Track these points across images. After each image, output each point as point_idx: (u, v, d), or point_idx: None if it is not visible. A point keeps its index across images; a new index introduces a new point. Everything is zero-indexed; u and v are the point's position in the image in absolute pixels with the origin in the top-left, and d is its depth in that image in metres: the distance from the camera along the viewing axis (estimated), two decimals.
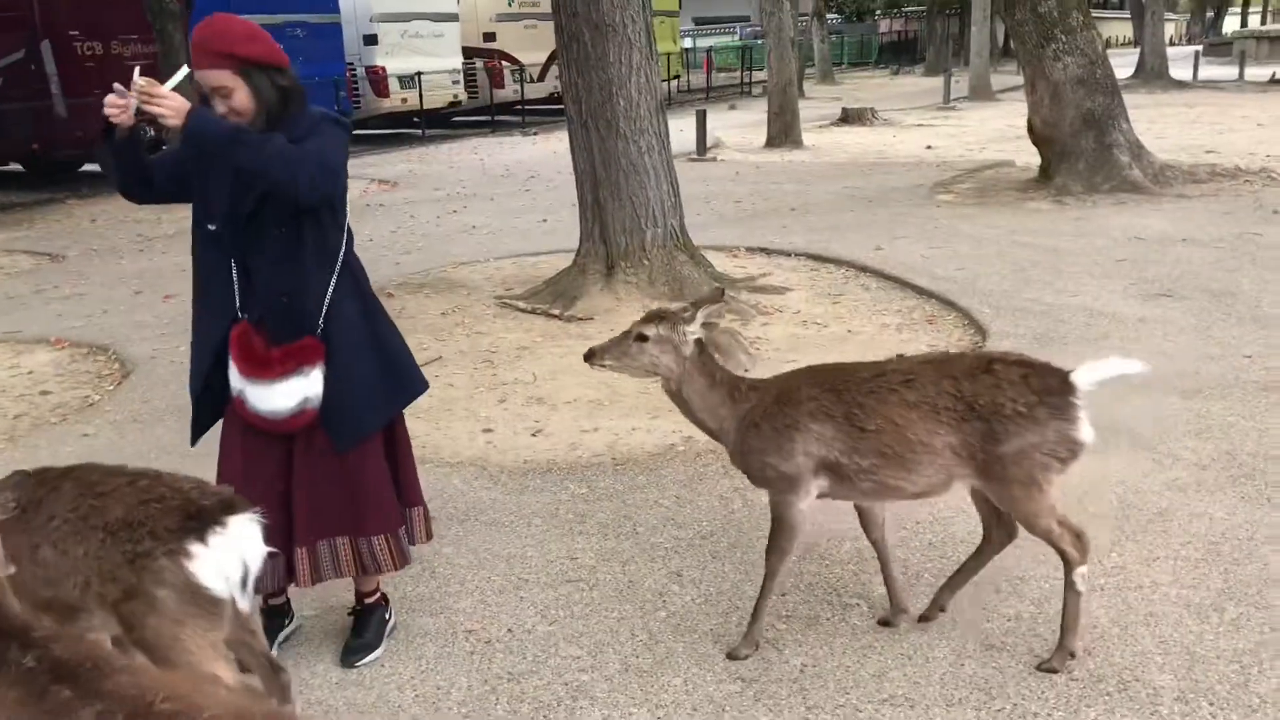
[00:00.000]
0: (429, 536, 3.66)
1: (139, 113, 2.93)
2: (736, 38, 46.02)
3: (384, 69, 21.39)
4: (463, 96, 23.51)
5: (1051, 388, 3.11)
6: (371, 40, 21.37)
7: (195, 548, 2.52)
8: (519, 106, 24.69)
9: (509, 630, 3.66)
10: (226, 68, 3.05)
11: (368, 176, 16.06)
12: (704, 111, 17.66)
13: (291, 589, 3.54)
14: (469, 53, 23.79)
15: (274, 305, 3.20)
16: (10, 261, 11.14)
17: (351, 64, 21.09)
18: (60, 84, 15.98)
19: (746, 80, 33.60)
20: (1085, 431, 3.10)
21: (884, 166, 14.72)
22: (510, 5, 25.04)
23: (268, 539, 3.15)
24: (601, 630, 3.61)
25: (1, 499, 2.65)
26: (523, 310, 7.84)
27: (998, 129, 19.18)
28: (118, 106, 2.91)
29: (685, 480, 4.77)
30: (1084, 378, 3.11)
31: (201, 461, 3.40)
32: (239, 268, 3.21)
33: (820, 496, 3.34)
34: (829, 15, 40.30)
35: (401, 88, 21.63)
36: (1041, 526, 3.17)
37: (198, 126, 2.90)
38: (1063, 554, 3.19)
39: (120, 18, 16.43)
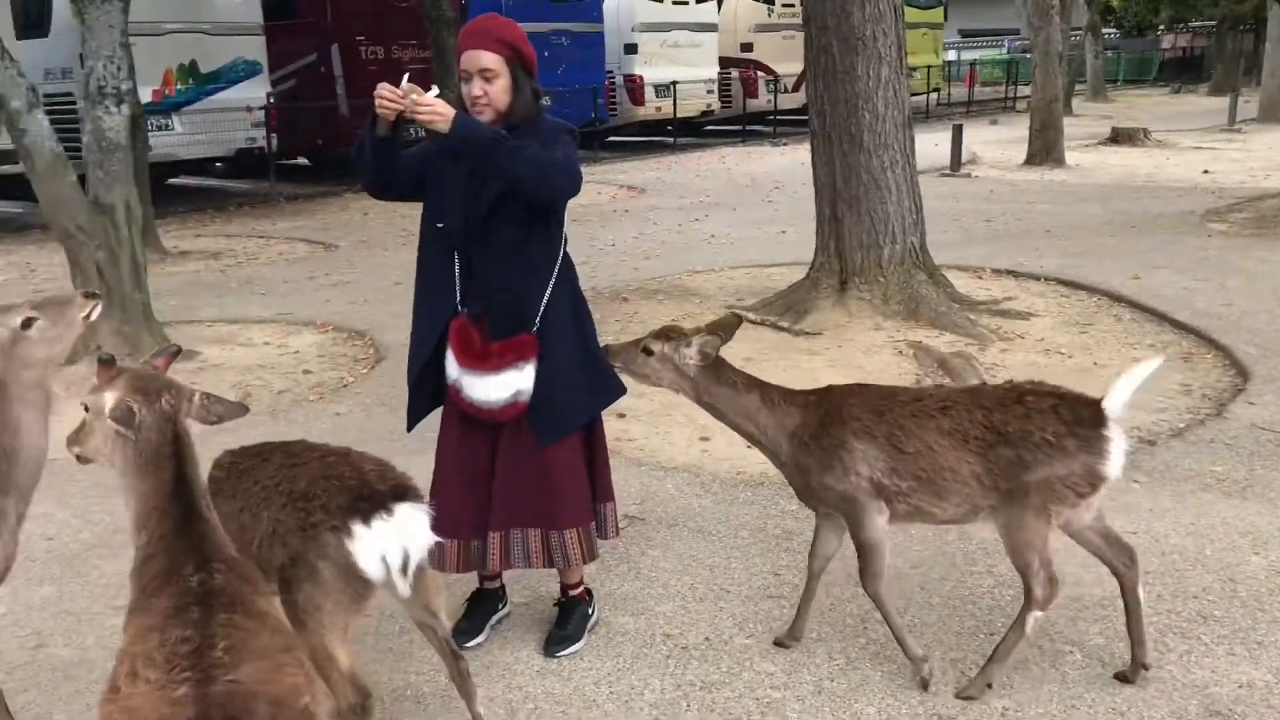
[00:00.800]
0: (617, 532, 3.75)
1: (403, 117, 3.12)
2: (1003, 51, 44.41)
3: (642, 78, 21.88)
4: (716, 106, 23.76)
5: (1083, 418, 3.06)
6: (632, 49, 21.90)
7: (358, 528, 2.64)
8: (771, 116, 24.74)
9: (706, 639, 3.68)
10: (500, 54, 3.21)
11: (617, 183, 16.49)
12: (960, 126, 17.16)
13: (506, 575, 3.71)
14: (725, 62, 24.02)
15: (498, 301, 3.35)
16: (290, 249, 12.12)
17: (611, 72, 21.68)
18: (345, 85, 17.24)
19: (1011, 95, 32.36)
20: (1112, 466, 3.07)
21: (1152, 190, 13.86)
22: (769, 16, 25.10)
23: (465, 525, 3.35)
24: (798, 650, 3.58)
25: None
26: (752, 321, 7.84)
27: None
28: (390, 100, 3.07)
29: None
30: (1115, 403, 3.06)
31: (431, 445, 3.60)
32: (462, 264, 3.37)
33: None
34: (1106, 30, 38.26)
35: (657, 96, 22.06)
36: (1025, 558, 3.13)
37: (463, 129, 3.06)
38: (1029, 592, 3.15)
39: (400, 24, 17.59)
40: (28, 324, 2.84)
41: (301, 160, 19.27)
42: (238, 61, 15.87)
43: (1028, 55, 36.13)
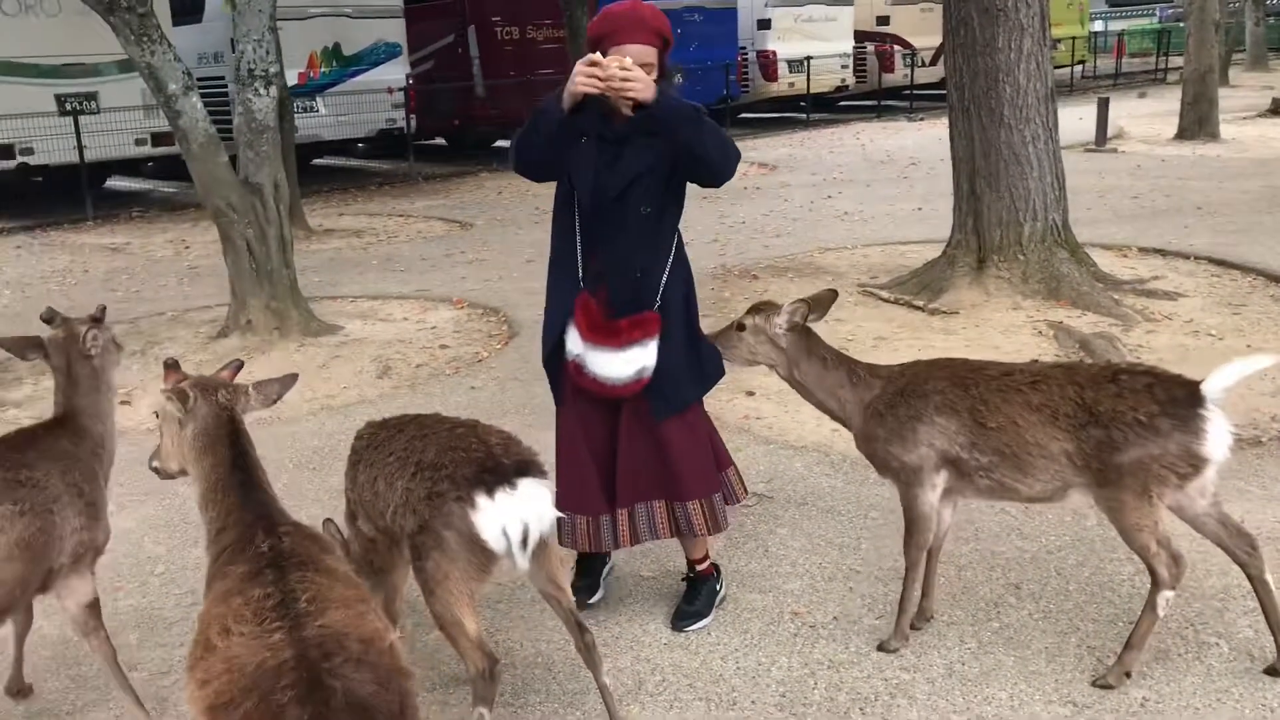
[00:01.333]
0: (745, 491, 3.78)
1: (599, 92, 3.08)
2: (1155, 20, 42.47)
3: (775, 53, 21.65)
4: (850, 81, 23.36)
5: (1178, 398, 2.99)
6: (765, 25, 21.68)
7: (482, 499, 2.71)
8: (906, 91, 24.21)
9: (834, 618, 3.67)
10: (656, 45, 3.26)
11: (749, 160, 16.30)
12: (1106, 99, 16.50)
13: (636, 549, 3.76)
14: (860, 36, 23.57)
15: (627, 279, 3.37)
16: (427, 227, 12.42)
17: (744, 48, 21.51)
18: (481, 66, 17.54)
19: (1162, 66, 30.95)
20: (1211, 447, 2.98)
21: None
22: None
23: (594, 500, 3.42)
24: (929, 632, 3.54)
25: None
26: (885, 300, 7.73)
27: None
28: (593, 76, 3.05)
29: None
30: (1214, 385, 2.97)
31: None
32: (586, 240, 3.38)
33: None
34: None
35: (790, 72, 21.81)
36: (1140, 541, 3.06)
37: (667, 101, 3.12)
38: (1154, 573, 3.09)
39: (534, 4, 17.78)
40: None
41: (439, 140, 19.69)
42: (379, 44, 16.30)
43: (1180, 24, 34.50)
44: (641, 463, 3.48)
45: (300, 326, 7.44)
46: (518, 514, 2.74)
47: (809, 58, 21.56)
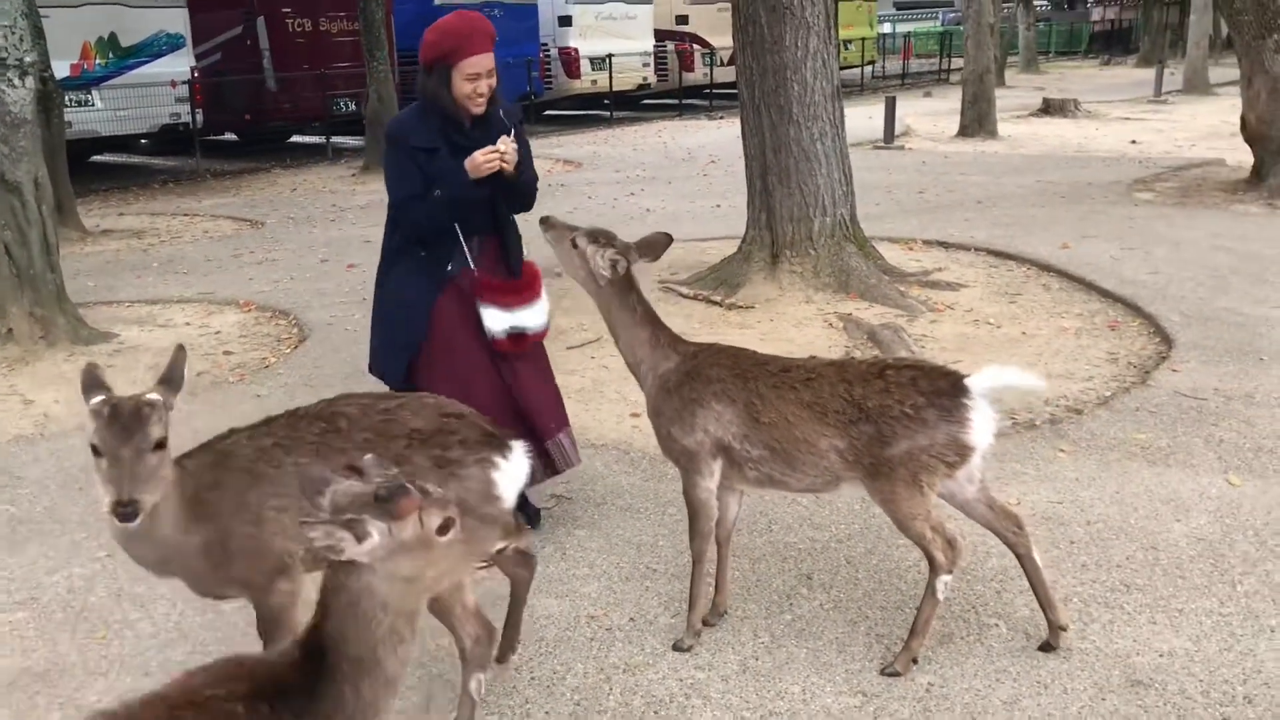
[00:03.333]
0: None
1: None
2: (938, 23, 44.66)
3: (577, 50, 21.67)
4: (652, 79, 23.60)
5: (942, 389, 3.08)
6: (566, 22, 21.66)
7: (499, 459, 2.87)
8: (707, 90, 24.63)
9: (631, 619, 3.62)
10: (492, 50, 3.74)
11: (554, 156, 16.27)
12: (894, 98, 17.20)
13: None
14: (660, 35, 23.85)
15: (512, 247, 4.09)
16: (215, 226, 11.83)
17: (545, 45, 21.44)
18: (272, 58, 16.86)
19: (945, 68, 32.56)
20: (976, 435, 3.07)
21: (1082, 161, 14.00)
22: None
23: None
24: (724, 628, 3.54)
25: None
26: (684, 295, 7.79)
27: (1210, 125, 17.98)
28: (492, 159, 3.68)
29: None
30: (979, 382, 3.08)
31: None
32: (467, 231, 3.94)
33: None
34: (1037, 2, 38.60)
35: (593, 69, 21.86)
36: (915, 530, 3.14)
37: (522, 170, 3.86)
38: (931, 559, 3.16)
39: None
40: None
41: (229, 136, 18.84)
42: (159, 34, 15.46)
43: (961, 28, 36.33)
44: (539, 400, 4.05)
45: (69, 334, 6.92)
46: (516, 475, 2.92)
47: (610, 55, 21.67)
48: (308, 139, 19.39)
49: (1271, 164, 10.46)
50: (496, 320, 3.87)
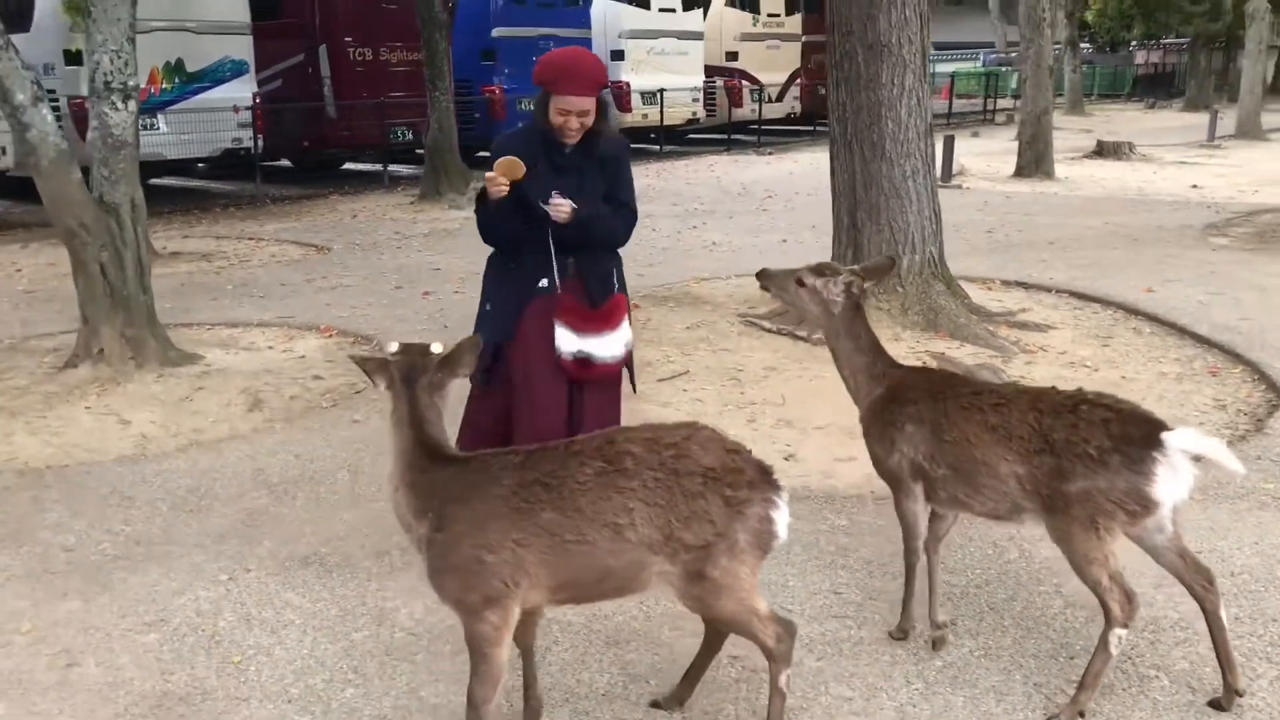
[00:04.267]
0: None
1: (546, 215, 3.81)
2: (980, 64, 44.69)
3: (628, 84, 21.73)
4: (701, 114, 23.67)
5: (1132, 437, 3.01)
6: (619, 56, 21.76)
7: (779, 498, 2.86)
8: (754, 126, 24.68)
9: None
10: (594, 95, 3.81)
11: None
12: (952, 136, 17.16)
13: None
14: (710, 71, 23.93)
15: (599, 274, 4.06)
16: (281, 251, 11.88)
17: None
18: (332, 86, 17.01)
19: (990, 108, 32.52)
20: (1162, 490, 2.98)
21: (1147, 204, 13.89)
22: (755, 25, 25.06)
23: None
24: (874, 673, 3.45)
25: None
26: (767, 330, 7.74)
27: (1270, 171, 17.87)
28: (496, 187, 3.76)
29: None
30: (1177, 440, 2.98)
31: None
32: (559, 250, 3.92)
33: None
34: (1081, 45, 38.55)
35: (644, 104, 21.94)
36: (1091, 575, 3.08)
37: (584, 219, 3.84)
38: (1106, 610, 3.08)
39: (388, 25, 17.40)
40: None
41: (284, 162, 19.00)
42: (224, 60, 15.61)
43: (1004, 69, 36.29)
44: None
45: (158, 356, 6.93)
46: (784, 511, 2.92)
47: (662, 90, 21.75)
48: (360, 166, 19.53)
49: None
50: (566, 341, 3.91)
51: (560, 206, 3.79)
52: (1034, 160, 17.00)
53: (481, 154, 17.47)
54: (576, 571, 2.80)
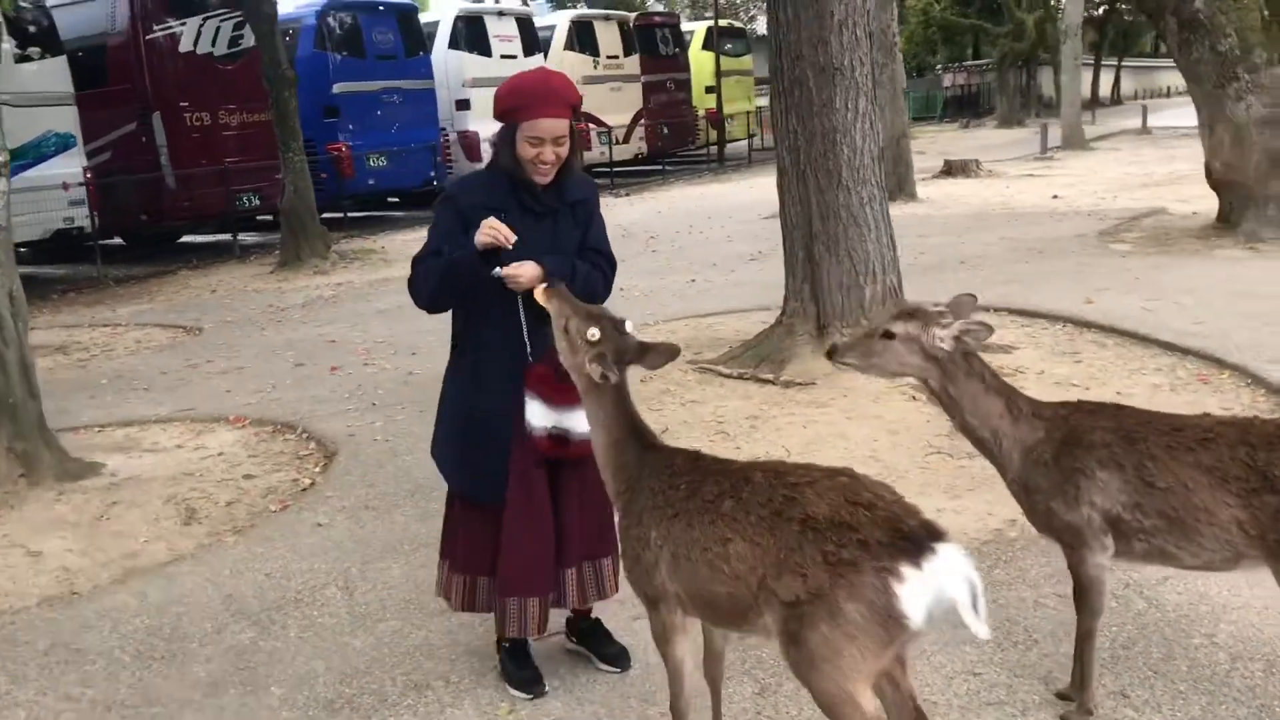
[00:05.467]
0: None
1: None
2: None
3: (476, 133, 21.13)
4: None
5: None
6: (464, 105, 21.18)
7: (908, 570, 2.33)
8: (605, 169, 24.39)
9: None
10: (567, 117, 3.32)
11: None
12: None
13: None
14: None
15: None
16: (145, 336, 10.79)
17: (445, 129, 20.91)
18: (170, 155, 15.81)
19: None
20: None
21: (1025, 218, 14.05)
22: (595, 68, 24.83)
23: (545, 578, 3.47)
24: None
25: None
26: (726, 375, 7.27)
27: (1114, 177, 18.57)
28: (489, 237, 3.19)
29: (1054, 574, 4.10)
30: None
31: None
32: (531, 317, 3.35)
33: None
34: None
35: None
36: None
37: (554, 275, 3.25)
38: None
39: (226, 87, 16.34)
40: None
41: (116, 240, 17.56)
42: (47, 135, 14.36)
43: None
44: (589, 518, 3.52)
45: (54, 470, 5.97)
46: (945, 586, 2.34)
47: None
48: (201, 238, 18.26)
49: (1241, 209, 10.61)
50: (538, 415, 3.33)
51: (517, 277, 3.22)
52: (897, 183, 17.10)
53: (330, 214, 16.55)
54: (692, 586, 2.70)
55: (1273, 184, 10.43)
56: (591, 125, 24.27)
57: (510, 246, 3.20)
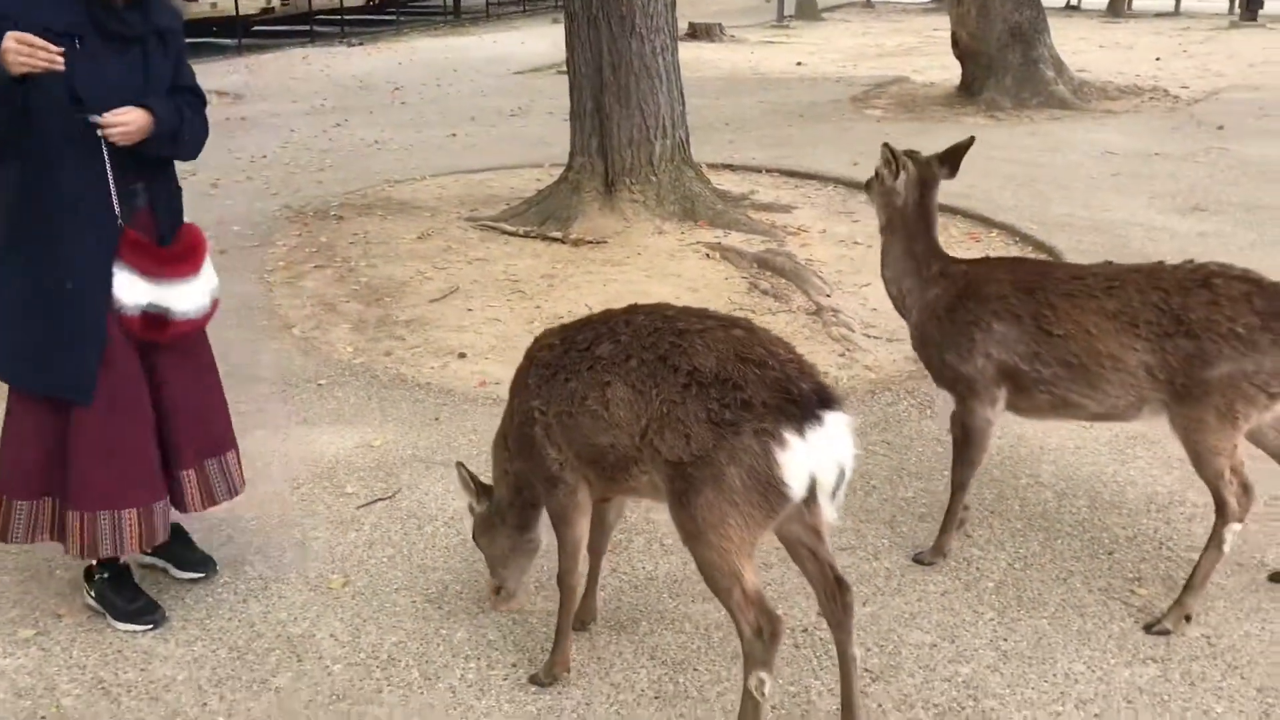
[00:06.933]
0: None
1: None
2: None
3: None
4: (276, 3, 21.48)
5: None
6: None
7: (791, 436, 2.20)
8: (337, 16, 22.83)
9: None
10: None
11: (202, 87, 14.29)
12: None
13: None
14: None
15: (168, 196, 3.03)
16: None
17: None
18: None
19: None
20: None
21: (778, 82, 14.23)
22: None
23: (150, 486, 2.93)
24: (936, 610, 3.03)
25: None
26: (511, 233, 6.97)
27: (850, 46, 19.12)
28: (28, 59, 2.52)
29: (878, 422, 4.17)
30: None
31: None
32: (118, 166, 2.81)
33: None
34: None
35: None
36: (1214, 467, 2.85)
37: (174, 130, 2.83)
38: (1223, 505, 2.86)
39: None
40: None
41: None
42: None
43: None
44: (198, 411, 3.05)
45: None
46: (831, 455, 2.22)
47: None
48: None
49: (984, 78, 11.13)
50: (131, 291, 2.81)
51: (123, 126, 2.69)
52: None
53: None
54: (577, 443, 2.52)
55: (1010, 55, 10.98)
56: None
57: (61, 69, 2.54)
